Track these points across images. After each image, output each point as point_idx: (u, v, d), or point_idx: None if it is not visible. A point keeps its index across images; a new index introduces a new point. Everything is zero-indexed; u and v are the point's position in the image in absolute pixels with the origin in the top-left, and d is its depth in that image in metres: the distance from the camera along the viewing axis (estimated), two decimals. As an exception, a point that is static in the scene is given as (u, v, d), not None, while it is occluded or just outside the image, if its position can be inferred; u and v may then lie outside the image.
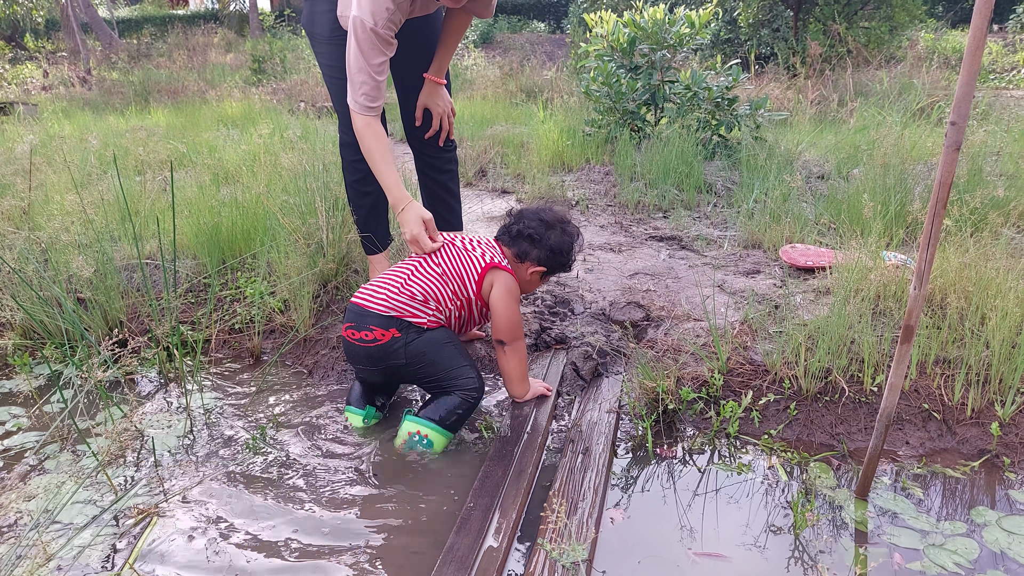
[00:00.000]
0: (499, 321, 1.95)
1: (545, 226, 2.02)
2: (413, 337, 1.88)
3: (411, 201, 2.07)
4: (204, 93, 9.11)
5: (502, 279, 1.97)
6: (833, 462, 1.86)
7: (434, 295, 1.93)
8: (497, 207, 3.99)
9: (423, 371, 1.91)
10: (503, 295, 1.95)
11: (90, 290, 2.50)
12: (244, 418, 2.10)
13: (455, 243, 2.04)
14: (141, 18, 24.97)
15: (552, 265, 2.04)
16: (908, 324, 1.42)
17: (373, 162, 2.13)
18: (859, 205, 3.00)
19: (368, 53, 2.02)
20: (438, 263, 1.97)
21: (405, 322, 1.89)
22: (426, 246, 2.01)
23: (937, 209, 1.27)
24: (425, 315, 1.91)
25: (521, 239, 2.02)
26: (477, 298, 1.98)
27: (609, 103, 5.06)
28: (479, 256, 1.98)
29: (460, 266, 1.97)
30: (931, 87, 6.45)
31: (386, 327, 1.88)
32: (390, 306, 1.89)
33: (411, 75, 2.43)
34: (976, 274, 2.23)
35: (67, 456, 1.91)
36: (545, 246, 2.01)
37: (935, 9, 14.60)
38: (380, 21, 1.98)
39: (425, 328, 1.91)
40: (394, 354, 1.88)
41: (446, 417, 1.87)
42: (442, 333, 1.94)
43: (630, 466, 1.87)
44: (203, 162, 4.47)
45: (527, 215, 2.06)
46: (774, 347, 2.16)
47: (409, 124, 2.51)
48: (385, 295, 1.91)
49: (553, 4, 24.35)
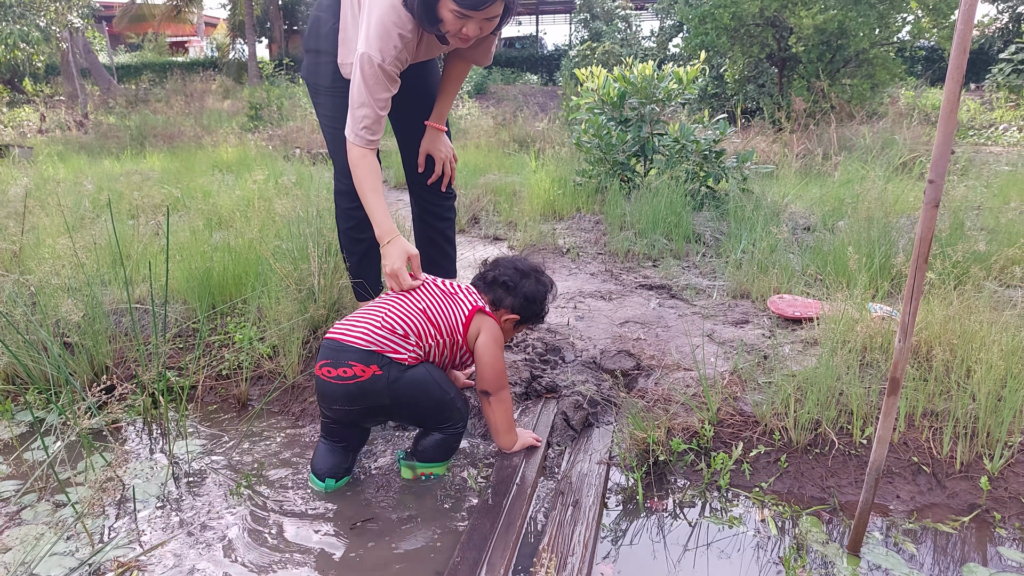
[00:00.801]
0: (485, 370, 1.93)
1: (520, 275, 2.03)
2: (396, 376, 1.81)
3: (398, 235, 2.08)
4: (200, 138, 9.20)
5: (489, 326, 1.95)
6: (824, 515, 1.85)
7: (415, 331, 1.87)
8: (489, 253, 4.02)
9: (408, 412, 1.89)
10: (489, 343, 1.93)
11: (77, 334, 2.48)
12: (229, 467, 2.07)
13: (436, 283, 2.02)
14: (141, 64, 25.37)
15: (526, 314, 2.04)
16: (894, 376, 1.44)
17: (364, 194, 2.13)
18: (844, 257, 3.04)
19: (373, 88, 2.05)
20: (420, 299, 1.93)
21: (386, 358, 1.81)
22: (405, 282, 1.99)
23: (919, 264, 1.30)
24: (406, 351, 1.84)
25: (496, 286, 2.02)
26: (464, 341, 1.94)
27: (600, 154, 5.15)
28: (464, 299, 1.97)
29: (446, 307, 1.94)
30: (912, 142, 6.61)
31: (367, 363, 1.79)
32: (370, 340, 1.81)
33: (411, 122, 2.48)
34: (960, 327, 2.26)
35: (46, 506, 1.87)
36: (520, 294, 2.01)
37: (914, 68, 15.02)
38: (388, 58, 2.02)
39: (406, 365, 1.84)
40: (376, 394, 1.81)
41: (442, 454, 1.90)
42: (423, 370, 1.87)
43: (620, 519, 1.86)
44: (197, 207, 4.49)
45: (502, 263, 2.07)
46: (764, 398, 2.16)
47: (410, 171, 2.54)
48: (365, 330, 1.84)
49: (545, 58, 24.94)
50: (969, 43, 1.16)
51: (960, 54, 1.17)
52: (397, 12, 2.00)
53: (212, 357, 2.61)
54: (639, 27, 21.28)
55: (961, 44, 1.16)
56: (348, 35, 2.22)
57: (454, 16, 1.96)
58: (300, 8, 25.67)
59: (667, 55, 16.75)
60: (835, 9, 8.83)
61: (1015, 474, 1.88)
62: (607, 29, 20.00)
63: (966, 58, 1.18)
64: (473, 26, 2.00)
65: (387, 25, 2.00)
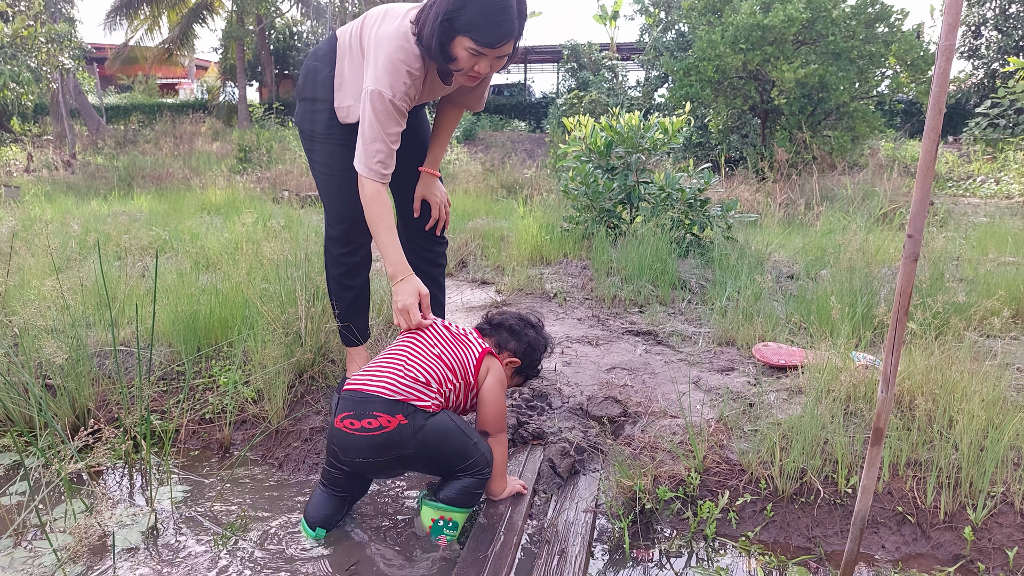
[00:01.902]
0: (488, 412, 1.94)
1: (525, 323, 2.12)
2: (421, 424, 1.78)
3: (411, 274, 2.10)
4: (189, 180, 9.24)
5: (496, 368, 1.98)
6: (811, 565, 1.84)
7: (436, 377, 1.87)
8: (477, 297, 4.04)
9: (432, 460, 1.85)
10: (495, 384, 1.95)
11: (60, 376, 2.46)
12: (211, 513, 2.04)
13: (446, 327, 2.04)
14: (130, 105, 25.54)
15: (526, 361, 2.10)
16: (878, 427, 1.45)
17: (377, 231, 2.15)
18: (827, 306, 3.09)
19: (385, 123, 2.07)
20: (434, 344, 1.95)
21: (411, 407, 1.78)
22: (415, 319, 2.01)
23: (899, 315, 1.32)
24: (430, 398, 1.83)
25: (502, 329, 2.08)
26: (475, 384, 1.96)
27: (586, 201, 5.22)
28: (473, 342, 2.00)
29: (458, 351, 1.96)
30: (892, 193, 6.75)
31: (392, 413, 1.76)
32: (396, 390, 1.79)
33: (405, 167, 2.50)
34: (942, 377, 2.29)
35: (23, 553, 1.83)
36: (524, 341, 2.08)
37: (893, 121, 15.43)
38: (398, 93, 2.06)
39: (430, 412, 1.82)
40: (401, 444, 1.77)
41: (467, 499, 1.87)
42: (446, 417, 1.85)
43: (607, 568, 1.84)
44: (185, 249, 4.49)
45: (508, 312, 2.16)
46: (749, 446, 2.17)
47: (405, 216, 2.56)
48: (389, 378, 1.82)
49: (533, 105, 25.37)
50: (944, 104, 1.21)
51: (936, 115, 1.22)
52: (406, 51, 2.05)
53: (196, 400, 2.59)
54: (625, 77, 21.76)
55: (936, 105, 1.21)
56: (345, 80, 2.26)
57: (468, 54, 2.01)
58: (291, 53, 26.09)
59: (652, 105, 17.12)
60: (816, 64, 9.09)
61: (998, 524, 1.89)
62: (594, 79, 20.44)
63: (941, 119, 1.23)
64: (485, 64, 2.05)
65: (396, 62, 2.05)
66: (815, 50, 9.45)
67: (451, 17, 1.95)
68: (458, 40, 1.99)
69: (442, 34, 1.98)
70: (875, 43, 9.23)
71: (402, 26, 2.08)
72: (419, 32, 2.04)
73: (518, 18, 1.99)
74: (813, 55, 9.39)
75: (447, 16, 1.95)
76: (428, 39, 2.01)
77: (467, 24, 1.95)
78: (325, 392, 2.62)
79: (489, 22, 1.95)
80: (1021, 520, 1.89)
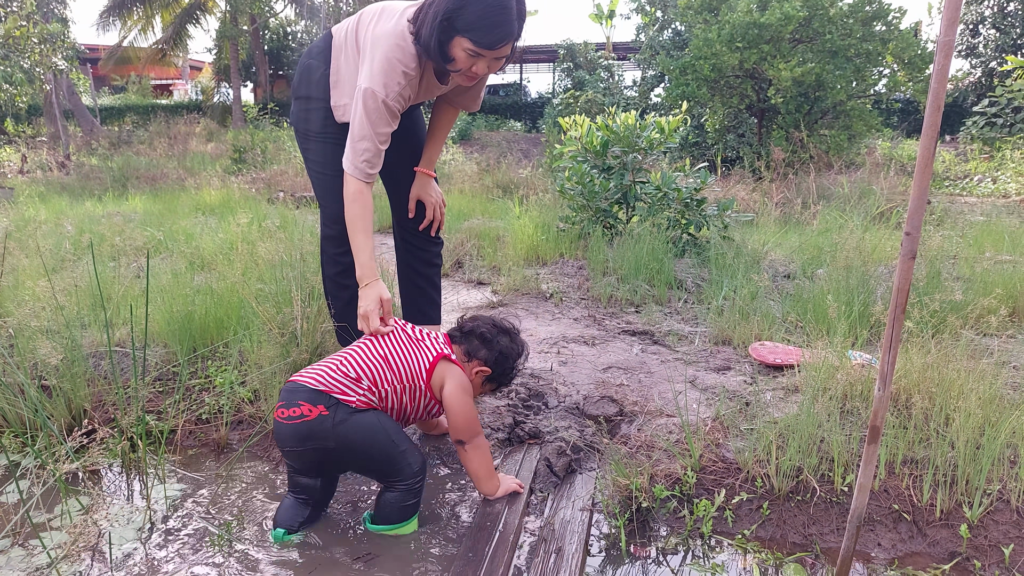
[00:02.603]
0: (455, 419, 1.90)
1: (498, 330, 2.06)
2: (343, 418, 1.80)
3: (378, 280, 2.12)
4: (183, 181, 9.22)
5: (455, 374, 1.93)
6: (808, 562, 1.84)
7: (370, 375, 1.87)
8: (473, 298, 4.03)
9: (357, 459, 1.86)
10: (456, 390, 1.91)
11: (56, 377, 2.45)
12: (207, 512, 2.03)
13: (406, 330, 2.03)
14: (124, 106, 25.48)
15: (498, 370, 2.04)
16: (874, 424, 1.45)
17: (354, 231, 2.15)
18: (824, 305, 3.09)
19: (375, 122, 2.07)
20: (383, 344, 1.95)
21: (334, 399, 1.81)
22: (373, 325, 2.02)
23: (896, 314, 1.32)
24: (355, 394, 1.84)
25: (473, 336, 2.03)
26: (427, 388, 1.93)
27: (582, 201, 5.22)
28: (429, 346, 1.97)
29: (409, 353, 1.94)
30: (889, 192, 6.77)
31: (314, 403, 1.79)
32: (322, 381, 1.83)
33: (401, 167, 2.50)
34: (939, 375, 2.29)
35: (19, 552, 1.82)
36: (496, 348, 2.02)
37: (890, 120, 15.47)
38: (391, 94, 2.05)
39: (354, 408, 1.82)
40: (323, 435, 1.79)
41: (402, 514, 1.86)
42: (373, 416, 1.85)
43: (604, 566, 1.84)
44: (179, 249, 4.48)
45: (481, 318, 2.10)
46: (746, 445, 2.17)
47: (400, 216, 2.56)
48: (319, 372, 1.86)
49: (529, 105, 25.38)
50: (943, 102, 1.21)
51: (934, 112, 1.21)
52: (402, 50, 2.05)
53: (192, 401, 2.58)
54: (621, 77, 21.79)
55: (935, 103, 1.21)
56: (341, 78, 2.25)
57: (467, 55, 2.01)
58: (285, 53, 26.04)
59: (649, 105, 17.13)
60: (813, 62, 9.10)
61: (994, 522, 1.90)
62: (590, 78, 20.45)
63: (940, 116, 1.22)
64: (483, 64, 2.05)
65: (392, 61, 2.04)
66: (812, 48, 9.46)
67: (451, 17, 1.94)
68: (457, 40, 1.98)
69: (441, 34, 1.97)
70: (872, 41, 9.24)
71: (399, 25, 2.07)
72: (417, 31, 2.03)
73: (517, 19, 1.98)
74: (810, 53, 9.41)
75: (446, 16, 1.94)
76: (426, 39, 2.00)
77: (467, 25, 1.95)
78: (321, 392, 2.61)
79: (489, 23, 1.95)
80: (1017, 517, 1.89)
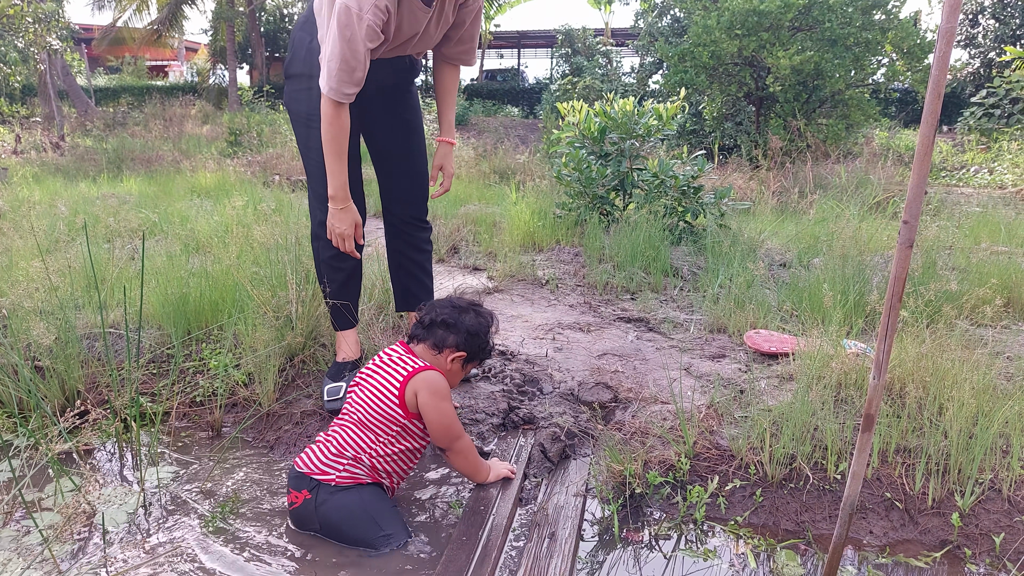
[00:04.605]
0: (434, 429, 1.84)
1: (458, 311, 1.94)
2: (324, 499, 1.76)
3: (351, 203, 2.21)
4: (178, 163, 9.16)
5: (423, 383, 1.82)
6: (800, 548, 1.85)
7: (352, 445, 1.80)
8: (468, 283, 4.02)
9: (341, 539, 1.78)
10: (429, 400, 1.81)
11: (49, 358, 2.44)
12: (200, 494, 2.03)
13: (370, 377, 1.89)
14: (119, 87, 25.28)
15: (471, 349, 1.94)
16: (868, 413, 1.45)
17: (329, 154, 2.14)
18: (820, 294, 3.09)
19: (351, 40, 1.99)
20: (355, 406, 1.86)
21: (314, 481, 1.77)
22: (349, 246, 2.17)
23: (893, 303, 1.32)
24: (335, 471, 1.78)
25: (435, 327, 1.92)
26: (410, 419, 1.83)
27: (579, 188, 5.20)
28: (392, 376, 1.84)
29: (378, 400, 1.82)
30: (886, 182, 6.76)
31: (299, 488, 1.79)
32: (306, 463, 1.81)
33: (391, 155, 2.48)
34: (933, 364, 2.30)
35: (11, 531, 1.82)
36: (462, 330, 1.92)
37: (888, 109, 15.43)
38: (366, 6, 1.96)
39: (336, 487, 1.76)
40: (309, 517, 1.78)
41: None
42: (355, 496, 1.78)
43: (596, 551, 1.85)
44: (174, 232, 4.46)
45: (438, 304, 1.99)
46: (740, 432, 2.17)
47: (389, 202, 2.54)
48: (307, 452, 1.84)
49: (527, 91, 25.26)
50: (943, 89, 1.20)
51: (934, 100, 1.21)
52: None
53: (186, 383, 2.57)
54: (619, 63, 21.68)
55: (935, 90, 1.20)
56: None
57: None
58: (282, 35, 25.83)
59: (647, 91, 17.06)
60: (812, 51, 9.06)
61: (986, 511, 1.91)
62: (588, 64, 20.35)
63: (940, 103, 1.22)
64: None
65: None
66: (811, 37, 9.41)
67: None
68: None
69: None
70: (872, 30, 9.20)
71: None
72: None
73: None
74: (809, 41, 9.36)
75: None
76: None
77: None
78: (316, 376, 2.61)
79: None
80: (1008, 507, 1.91)
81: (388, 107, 2.39)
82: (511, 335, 3.14)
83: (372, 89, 2.21)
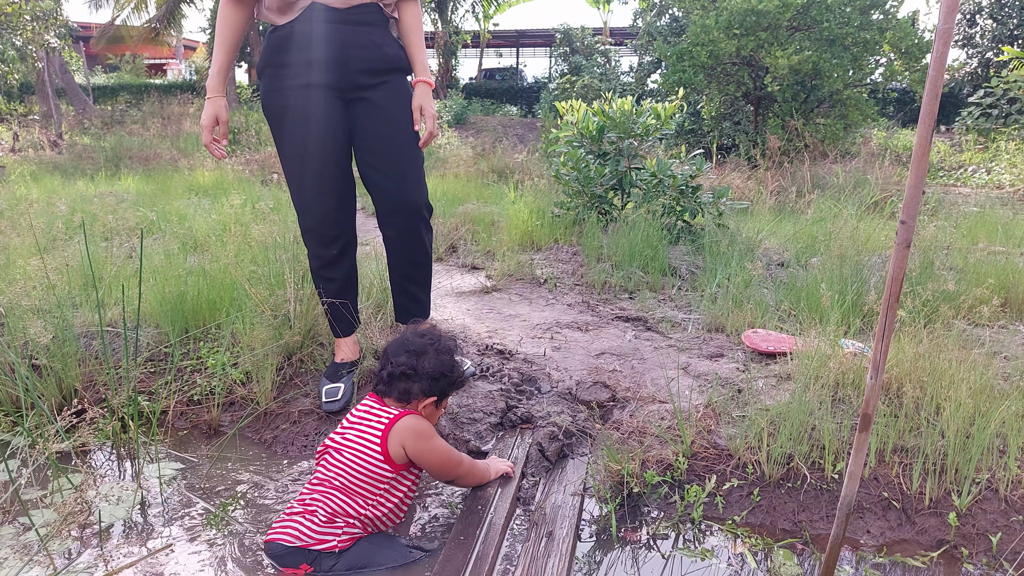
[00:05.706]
0: (435, 470, 1.83)
1: (415, 356, 1.84)
2: (331, 564, 1.68)
3: (219, 96, 2.22)
4: (176, 161, 9.15)
5: (407, 432, 1.75)
6: (797, 547, 1.86)
7: (341, 510, 1.72)
8: (467, 283, 4.02)
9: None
10: (419, 445, 1.76)
11: (46, 356, 2.44)
12: (197, 492, 2.03)
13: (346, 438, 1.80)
14: (117, 85, 25.22)
15: (439, 391, 1.87)
16: (866, 413, 1.46)
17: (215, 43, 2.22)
18: (817, 293, 3.09)
19: None
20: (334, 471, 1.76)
21: (313, 552, 1.67)
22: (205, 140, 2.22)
23: (890, 303, 1.32)
24: (334, 536, 1.70)
25: (395, 381, 1.83)
26: (398, 471, 1.77)
27: (578, 187, 5.20)
28: (369, 434, 1.77)
29: (359, 462, 1.74)
30: (884, 182, 6.77)
31: (295, 564, 1.67)
32: (294, 536, 1.69)
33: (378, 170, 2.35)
34: (930, 364, 2.30)
35: (10, 529, 1.82)
36: (424, 377, 1.83)
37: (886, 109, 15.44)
38: None
39: (339, 552, 1.70)
40: None
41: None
42: (361, 550, 1.72)
43: (594, 551, 1.85)
44: (172, 230, 4.45)
45: (391, 352, 1.88)
46: (737, 431, 2.18)
47: (382, 217, 2.42)
48: (293, 525, 1.71)
49: (525, 90, 25.25)
50: (941, 88, 1.20)
51: (932, 100, 1.21)
52: None
53: (184, 382, 2.57)
54: (618, 62, 21.69)
55: (933, 90, 1.20)
56: None
57: None
58: (282, 34, 25.71)
59: (645, 91, 17.06)
60: (810, 51, 9.06)
61: (983, 511, 1.91)
62: (586, 63, 20.35)
63: (937, 103, 1.22)
64: None
65: None
66: (809, 36, 9.42)
67: None
68: None
69: None
70: (870, 30, 9.20)
71: None
72: None
73: None
74: (807, 41, 9.36)
75: None
76: None
77: None
78: (314, 375, 2.61)
79: None
80: (1005, 506, 1.91)
81: (369, 117, 2.29)
82: (509, 334, 3.14)
83: (323, 79, 2.19)
